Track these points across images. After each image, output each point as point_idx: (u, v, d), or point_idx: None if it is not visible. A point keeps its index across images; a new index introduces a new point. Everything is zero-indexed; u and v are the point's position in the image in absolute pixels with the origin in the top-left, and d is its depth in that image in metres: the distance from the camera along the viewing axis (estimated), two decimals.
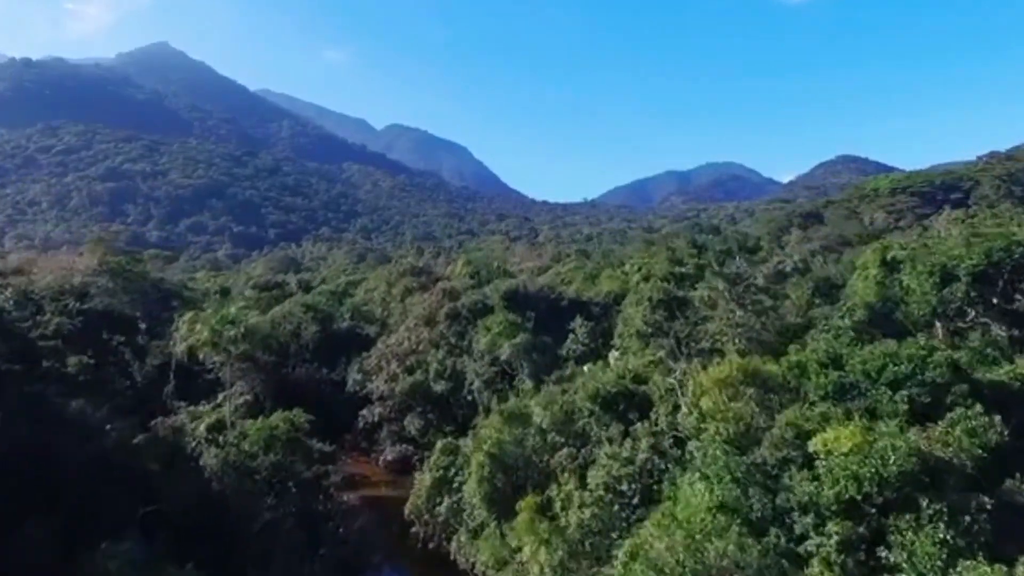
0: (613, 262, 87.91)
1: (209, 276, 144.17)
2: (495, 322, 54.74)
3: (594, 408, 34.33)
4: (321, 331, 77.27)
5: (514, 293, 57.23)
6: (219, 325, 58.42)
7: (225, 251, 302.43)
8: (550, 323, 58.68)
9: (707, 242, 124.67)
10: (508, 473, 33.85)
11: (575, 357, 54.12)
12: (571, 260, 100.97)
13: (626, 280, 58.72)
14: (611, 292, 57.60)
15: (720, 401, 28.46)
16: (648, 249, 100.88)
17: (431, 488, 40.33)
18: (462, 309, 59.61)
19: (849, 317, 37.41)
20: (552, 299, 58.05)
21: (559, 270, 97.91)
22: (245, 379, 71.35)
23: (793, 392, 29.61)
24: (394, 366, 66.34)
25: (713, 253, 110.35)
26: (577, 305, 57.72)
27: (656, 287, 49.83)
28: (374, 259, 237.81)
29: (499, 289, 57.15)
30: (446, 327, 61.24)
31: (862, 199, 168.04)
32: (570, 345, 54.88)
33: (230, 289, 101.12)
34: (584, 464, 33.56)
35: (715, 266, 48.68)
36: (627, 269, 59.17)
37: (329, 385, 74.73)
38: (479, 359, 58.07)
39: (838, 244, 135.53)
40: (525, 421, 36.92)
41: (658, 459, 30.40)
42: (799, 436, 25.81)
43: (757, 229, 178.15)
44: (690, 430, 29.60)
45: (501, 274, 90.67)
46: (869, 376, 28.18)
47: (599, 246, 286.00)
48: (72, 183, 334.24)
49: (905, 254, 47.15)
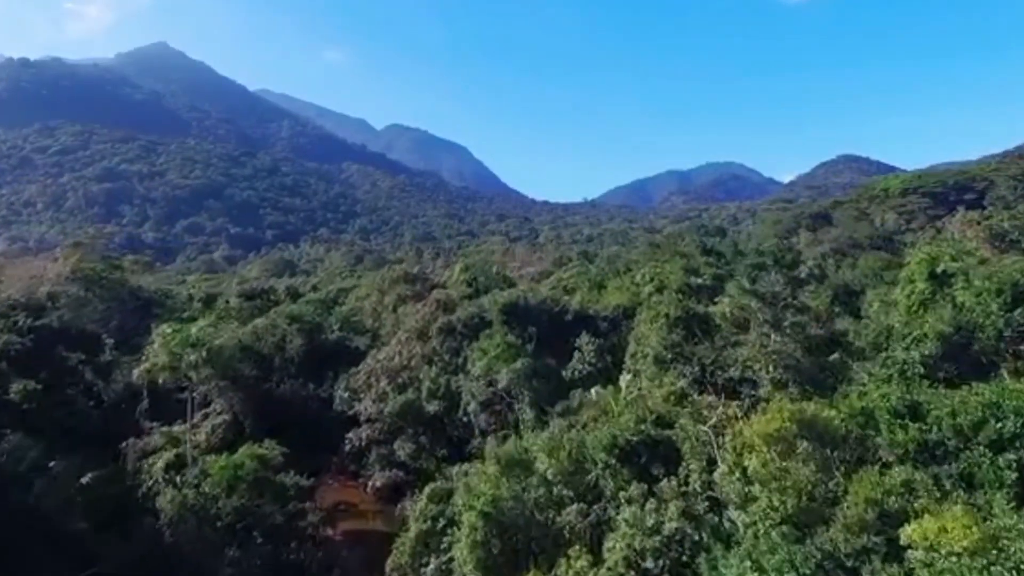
0: (619, 268, 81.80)
1: (202, 279, 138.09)
2: (492, 345, 48.66)
3: (609, 460, 28.34)
4: (308, 344, 71.14)
5: (513, 306, 51.20)
6: (178, 348, 51.87)
7: (222, 252, 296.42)
8: (553, 340, 52.70)
9: (716, 245, 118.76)
10: (506, 535, 27.86)
11: (581, 378, 48.11)
12: (574, 265, 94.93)
13: (636, 291, 52.68)
14: (620, 305, 51.59)
15: (771, 462, 22.49)
16: (654, 253, 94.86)
17: (416, 543, 34.29)
18: (457, 324, 53.58)
19: (917, 349, 31.03)
20: (555, 313, 52.07)
21: (561, 276, 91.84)
22: (223, 397, 65.36)
23: (858, 447, 23.62)
24: (384, 383, 60.31)
25: (744, 268, 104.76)
26: (583, 319, 51.77)
27: (672, 302, 43.81)
28: (372, 261, 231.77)
29: (497, 302, 51.13)
30: (439, 343, 55.20)
31: (871, 200, 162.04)
32: (576, 365, 48.85)
33: (216, 296, 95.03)
34: (597, 524, 27.68)
35: (745, 282, 42.59)
36: (637, 279, 53.07)
37: (316, 402, 68.66)
38: (475, 380, 52.04)
39: (849, 247, 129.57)
40: (526, 468, 31.01)
41: (690, 528, 24.45)
42: (882, 516, 19.81)
43: (763, 231, 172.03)
44: (733, 496, 23.62)
45: (500, 280, 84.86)
46: (961, 433, 22.12)
47: (601, 247, 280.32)
48: (68, 184, 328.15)
49: (957, 267, 40.96)
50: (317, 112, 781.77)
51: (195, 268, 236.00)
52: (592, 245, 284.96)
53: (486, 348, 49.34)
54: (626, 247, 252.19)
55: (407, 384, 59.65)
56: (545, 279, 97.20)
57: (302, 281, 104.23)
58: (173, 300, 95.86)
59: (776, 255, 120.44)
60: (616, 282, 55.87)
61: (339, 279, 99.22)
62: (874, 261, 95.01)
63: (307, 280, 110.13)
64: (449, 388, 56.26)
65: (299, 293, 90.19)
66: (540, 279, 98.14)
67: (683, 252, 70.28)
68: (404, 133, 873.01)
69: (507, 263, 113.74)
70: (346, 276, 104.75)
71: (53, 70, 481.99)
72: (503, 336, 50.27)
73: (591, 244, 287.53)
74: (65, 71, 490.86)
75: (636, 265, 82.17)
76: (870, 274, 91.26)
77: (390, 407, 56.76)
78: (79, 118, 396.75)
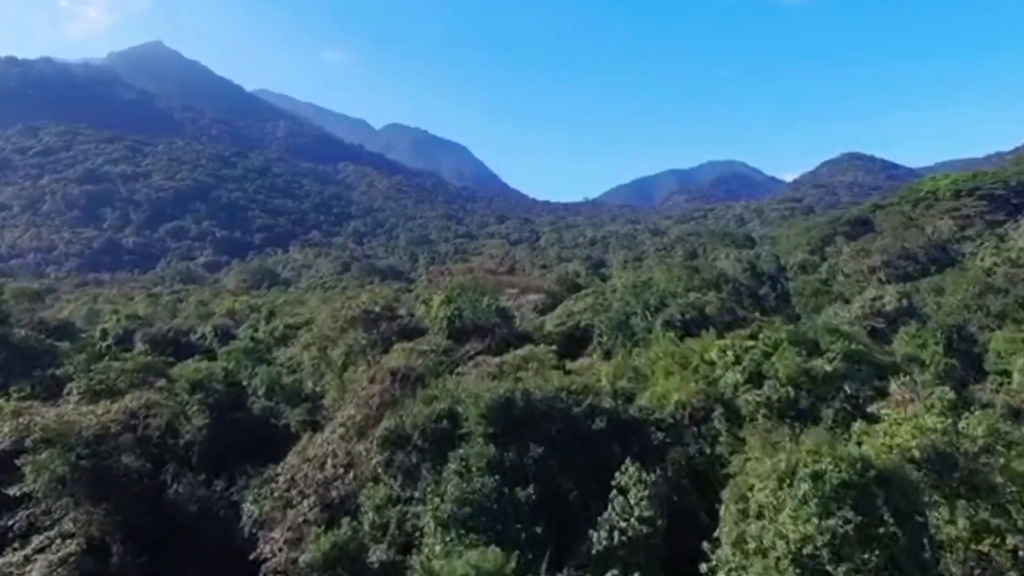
0: (650, 301, 59.54)
1: (145, 301, 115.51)
2: (465, 478, 26.82)
3: None
4: (217, 422, 48.74)
5: (504, 411, 29.18)
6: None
7: (206, 257, 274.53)
8: (573, 455, 30.66)
9: (758, 263, 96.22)
10: None
11: (621, 550, 26.11)
12: (587, 293, 72.76)
13: (709, 376, 30.48)
14: (685, 403, 29.53)
15: None
16: (691, 277, 72.64)
17: None
18: (413, 432, 31.44)
19: None
20: (575, 416, 30.02)
21: (571, 308, 69.96)
22: (80, 507, 43.05)
23: None
24: (308, 505, 38.01)
25: (807, 299, 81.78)
26: (621, 427, 29.93)
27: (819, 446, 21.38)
28: (360, 268, 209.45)
29: (479, 404, 29.06)
30: (384, 458, 33.04)
31: (916, 203, 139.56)
32: (613, 519, 26.76)
33: (134, 332, 72.79)
34: None
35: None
36: (709, 356, 30.72)
37: (226, 508, 46.44)
38: (443, 527, 29.85)
39: (901, 259, 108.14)
40: None
41: None
42: None
43: (794, 239, 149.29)
44: None
45: (493, 314, 63.00)
46: None
47: (606, 250, 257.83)
48: (47, 186, 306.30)
49: None
50: (316, 112, 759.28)
51: (168, 277, 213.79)
52: (596, 249, 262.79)
53: (458, 483, 27.42)
54: (631, 250, 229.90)
55: (342, 506, 37.48)
56: (551, 311, 75.18)
57: (253, 316, 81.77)
58: (81, 338, 73.82)
59: (832, 276, 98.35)
60: (665, 357, 33.44)
61: (285, 315, 76.74)
62: (965, 284, 72.71)
63: (256, 312, 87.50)
64: (404, 526, 34.11)
65: (231, 335, 67.82)
66: (545, 310, 76.08)
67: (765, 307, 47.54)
68: (403, 133, 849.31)
69: (503, 285, 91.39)
70: (293, 309, 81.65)
71: (41, 69, 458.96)
72: (486, 462, 28.21)
73: (595, 248, 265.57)
74: (54, 70, 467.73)
75: (674, 299, 59.92)
76: (972, 304, 69.16)
77: (310, 554, 34.34)
78: (66, 118, 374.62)
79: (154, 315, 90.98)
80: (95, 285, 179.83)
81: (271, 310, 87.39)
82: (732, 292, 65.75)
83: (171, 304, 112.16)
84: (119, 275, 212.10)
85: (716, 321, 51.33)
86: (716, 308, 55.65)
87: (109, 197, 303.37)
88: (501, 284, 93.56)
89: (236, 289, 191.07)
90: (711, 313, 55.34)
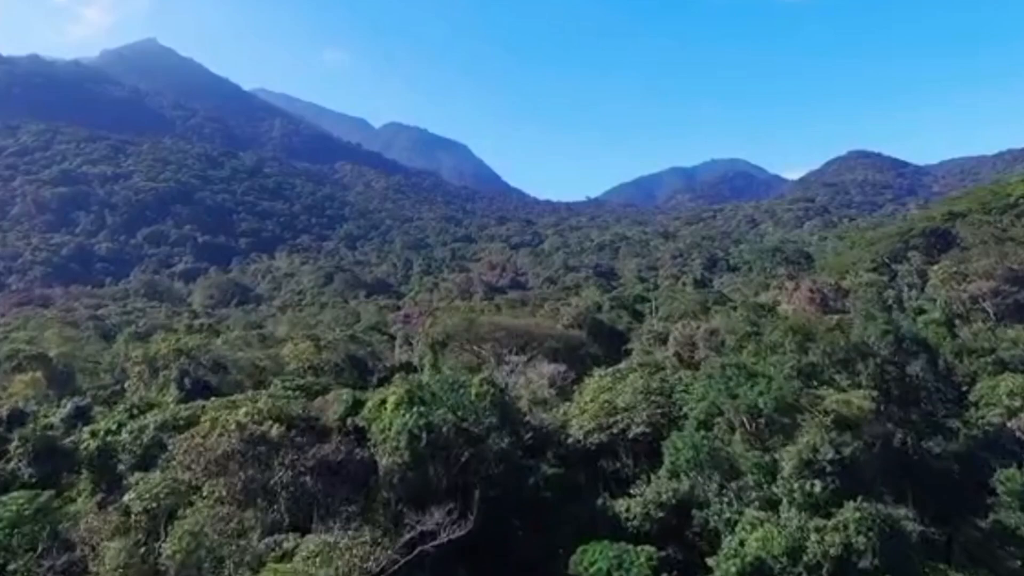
0: (794, 457, 32.56)
1: (57, 338, 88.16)
2: None
3: None
4: None
5: None
6: None
7: (185, 264, 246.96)
8: None
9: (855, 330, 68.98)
10: None
11: None
12: (634, 368, 45.45)
13: None
14: None
15: None
16: (800, 345, 45.31)
17: None
18: None
19: None
20: None
21: (610, 399, 43.09)
22: None
23: None
24: None
25: None
26: None
27: None
28: (343, 281, 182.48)
29: None
30: None
31: (1004, 211, 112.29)
32: None
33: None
34: None
35: None
36: None
37: None
38: None
39: (1009, 284, 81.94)
40: None
41: None
42: None
43: (852, 253, 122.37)
44: None
45: (483, 410, 36.89)
46: None
47: (615, 256, 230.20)
48: (19, 188, 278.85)
49: None
50: (316, 111, 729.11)
51: (133, 290, 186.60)
52: (604, 255, 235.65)
53: None
54: (649, 262, 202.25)
55: None
56: (574, 383, 48.10)
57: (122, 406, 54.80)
58: None
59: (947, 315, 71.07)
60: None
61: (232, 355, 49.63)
62: None
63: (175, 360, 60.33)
64: None
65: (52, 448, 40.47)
66: (565, 387, 49.10)
67: None
68: (403, 132, 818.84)
69: (502, 331, 64.17)
70: (177, 418, 53.34)
71: (27, 67, 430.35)
72: None
73: (603, 253, 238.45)
74: (40, 68, 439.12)
75: (798, 424, 33.05)
76: None
77: None
78: (49, 117, 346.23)
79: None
80: (40, 303, 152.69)
81: (183, 368, 59.64)
82: (875, 374, 38.75)
83: (82, 343, 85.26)
84: (74, 288, 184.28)
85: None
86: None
87: (84, 200, 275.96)
88: (498, 328, 66.13)
89: (202, 306, 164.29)
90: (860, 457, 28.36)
